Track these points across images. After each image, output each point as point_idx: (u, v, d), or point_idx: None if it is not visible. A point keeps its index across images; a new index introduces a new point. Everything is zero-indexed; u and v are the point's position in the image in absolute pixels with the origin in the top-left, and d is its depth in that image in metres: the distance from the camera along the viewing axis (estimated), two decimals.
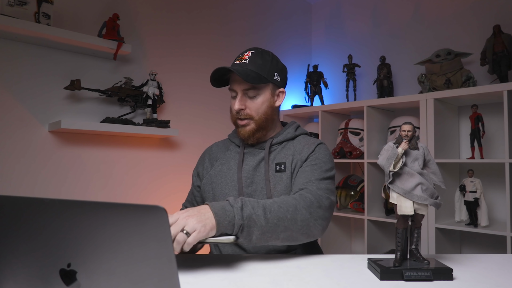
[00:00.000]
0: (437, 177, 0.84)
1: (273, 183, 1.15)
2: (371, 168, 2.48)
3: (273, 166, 1.18)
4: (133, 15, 2.12)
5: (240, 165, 1.19)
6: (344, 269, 0.88)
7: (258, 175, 1.18)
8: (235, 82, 1.18)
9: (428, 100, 2.21)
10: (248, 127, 1.19)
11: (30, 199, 0.50)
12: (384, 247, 2.52)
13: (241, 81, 1.16)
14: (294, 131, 1.26)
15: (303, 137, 1.26)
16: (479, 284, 0.76)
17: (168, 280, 0.44)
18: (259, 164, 1.19)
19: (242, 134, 1.20)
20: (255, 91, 1.17)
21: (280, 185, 1.15)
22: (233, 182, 1.18)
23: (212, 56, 2.51)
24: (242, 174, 1.18)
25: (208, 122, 2.46)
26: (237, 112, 1.18)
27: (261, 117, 1.19)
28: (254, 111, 1.18)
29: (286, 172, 1.16)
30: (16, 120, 1.71)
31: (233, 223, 0.85)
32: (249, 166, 1.19)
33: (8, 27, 1.57)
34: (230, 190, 1.17)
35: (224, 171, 1.21)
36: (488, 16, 2.34)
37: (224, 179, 1.20)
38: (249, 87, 1.16)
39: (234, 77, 1.17)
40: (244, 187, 1.16)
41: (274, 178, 1.16)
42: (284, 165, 1.17)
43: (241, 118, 1.18)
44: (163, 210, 0.43)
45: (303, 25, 3.24)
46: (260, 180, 1.17)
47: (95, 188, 1.94)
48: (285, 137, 1.23)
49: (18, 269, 0.52)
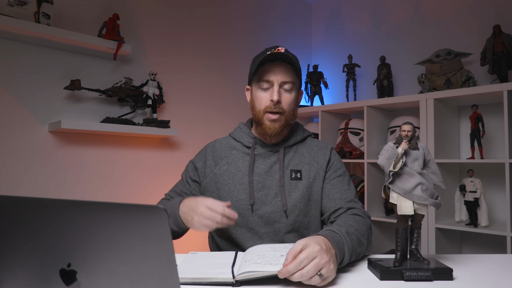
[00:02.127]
0: (437, 177, 0.84)
1: (288, 190, 1.12)
2: (371, 168, 2.48)
3: (288, 172, 1.14)
4: (133, 15, 2.12)
5: (251, 168, 1.14)
6: (344, 269, 0.88)
7: (270, 180, 1.14)
8: (273, 73, 1.12)
9: (428, 100, 2.21)
10: (279, 123, 1.13)
11: (30, 199, 0.50)
12: (384, 247, 2.52)
13: (283, 72, 1.12)
14: (302, 133, 1.24)
15: (311, 139, 1.25)
16: (479, 284, 0.76)
17: (168, 280, 0.44)
18: (271, 168, 1.15)
19: (272, 130, 1.13)
20: (291, 85, 1.14)
21: (295, 193, 1.12)
22: (242, 185, 1.14)
23: (212, 56, 2.51)
24: (253, 177, 1.14)
25: (208, 122, 2.46)
26: (275, 104, 1.11)
27: (290, 113, 1.15)
28: (286, 106, 1.14)
29: (302, 180, 1.14)
30: (16, 120, 1.71)
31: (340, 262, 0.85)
32: (260, 170, 1.15)
33: (8, 27, 1.57)
34: (240, 193, 1.13)
35: (232, 171, 1.16)
36: (488, 16, 2.34)
37: (232, 181, 1.15)
38: (289, 79, 1.13)
39: (273, 68, 1.12)
40: (255, 191, 1.13)
41: (290, 186, 1.13)
42: (300, 173, 1.14)
43: (274, 111, 1.12)
44: (163, 211, 0.43)
45: (303, 25, 3.24)
46: (273, 185, 1.13)
47: (95, 188, 1.94)
48: (295, 140, 1.20)
49: (18, 269, 0.52)
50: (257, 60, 1.15)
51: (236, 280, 0.76)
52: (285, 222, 1.11)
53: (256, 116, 1.16)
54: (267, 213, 1.11)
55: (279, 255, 0.83)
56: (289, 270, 0.71)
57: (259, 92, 1.15)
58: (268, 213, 1.11)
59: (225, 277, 0.77)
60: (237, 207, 1.12)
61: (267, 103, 1.13)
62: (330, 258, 0.76)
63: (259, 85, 1.15)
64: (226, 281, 0.77)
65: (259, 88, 1.15)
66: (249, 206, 1.12)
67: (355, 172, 2.90)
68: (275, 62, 1.13)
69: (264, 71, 1.14)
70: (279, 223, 1.11)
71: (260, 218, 1.12)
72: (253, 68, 1.16)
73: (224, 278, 0.77)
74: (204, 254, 0.98)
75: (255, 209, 1.12)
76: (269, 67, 1.13)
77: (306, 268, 0.72)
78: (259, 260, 0.81)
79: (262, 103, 1.14)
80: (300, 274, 0.71)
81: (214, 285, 0.77)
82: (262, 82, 1.14)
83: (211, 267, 0.84)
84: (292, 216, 1.12)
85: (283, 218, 1.11)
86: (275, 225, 1.12)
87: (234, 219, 0.96)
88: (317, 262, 0.73)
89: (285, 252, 0.84)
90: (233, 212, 0.95)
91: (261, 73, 1.14)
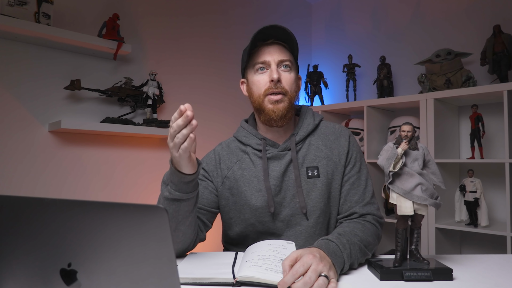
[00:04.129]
0: (437, 177, 0.84)
1: (306, 190, 1.05)
2: (371, 168, 2.48)
3: (304, 170, 1.06)
4: (133, 15, 2.12)
5: (267, 173, 1.06)
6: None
7: (286, 181, 1.06)
8: (268, 53, 1.05)
9: (428, 100, 2.21)
10: (282, 104, 1.04)
11: (30, 199, 0.50)
12: (384, 247, 2.52)
13: (278, 51, 1.06)
14: (313, 119, 1.13)
15: (325, 125, 1.14)
16: (479, 284, 0.76)
17: (168, 280, 0.44)
18: (286, 169, 1.06)
19: (276, 113, 1.04)
20: (290, 64, 1.07)
21: (314, 192, 1.05)
22: (260, 191, 1.06)
23: (212, 56, 2.51)
24: (270, 182, 1.06)
25: (208, 122, 2.46)
26: (275, 84, 1.03)
27: (293, 94, 1.07)
28: (288, 86, 1.05)
29: (320, 178, 1.06)
30: (16, 120, 1.71)
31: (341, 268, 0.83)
32: (276, 173, 1.06)
33: (8, 27, 1.57)
34: (257, 201, 1.05)
35: (246, 177, 1.08)
36: (488, 16, 2.34)
37: (249, 187, 1.07)
38: (286, 58, 1.06)
39: (267, 48, 1.06)
40: (274, 196, 1.05)
41: (307, 185, 1.05)
42: (317, 169, 1.06)
43: (275, 92, 1.04)
44: (163, 210, 0.43)
45: (303, 25, 3.24)
46: (290, 187, 1.06)
47: (95, 188, 1.94)
48: (307, 130, 1.10)
49: (18, 269, 0.52)
50: (247, 47, 1.08)
51: (237, 280, 0.76)
52: (306, 225, 1.05)
53: (257, 102, 1.07)
54: (287, 216, 1.05)
55: (279, 258, 0.83)
56: (286, 282, 0.71)
57: (256, 77, 1.07)
58: (288, 216, 1.05)
59: (225, 277, 0.77)
60: (257, 216, 1.06)
61: (266, 85, 1.05)
62: (326, 264, 0.75)
63: (254, 69, 1.07)
64: (227, 281, 0.77)
65: (255, 73, 1.07)
66: (270, 214, 1.06)
67: None
68: (268, 42, 1.07)
69: (258, 53, 1.06)
70: (301, 225, 1.05)
71: (281, 222, 1.06)
72: (245, 55, 1.09)
73: (224, 278, 0.77)
74: (204, 254, 0.98)
75: (276, 214, 1.06)
76: (262, 48, 1.06)
77: (306, 275, 0.71)
78: (260, 262, 0.81)
79: (260, 87, 1.06)
80: (304, 282, 0.70)
81: (214, 285, 0.77)
82: (257, 65, 1.06)
83: (211, 267, 0.84)
84: (313, 217, 1.05)
85: (303, 220, 1.05)
86: (296, 228, 1.05)
87: (186, 114, 0.79)
88: (314, 268, 0.72)
89: (284, 255, 0.84)
90: (184, 107, 0.80)
91: (255, 56, 1.07)
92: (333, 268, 0.78)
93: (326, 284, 0.72)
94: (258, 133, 1.13)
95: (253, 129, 1.14)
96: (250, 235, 1.09)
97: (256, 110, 1.11)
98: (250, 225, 1.08)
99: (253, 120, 1.19)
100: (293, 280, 0.71)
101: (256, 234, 1.08)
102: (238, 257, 0.93)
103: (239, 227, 1.10)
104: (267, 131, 1.12)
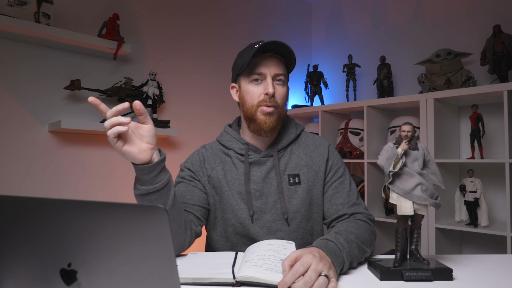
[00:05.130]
0: (437, 177, 0.84)
1: (288, 196, 1.08)
2: (371, 168, 2.48)
3: (286, 177, 1.10)
4: (133, 15, 2.12)
5: (247, 177, 1.09)
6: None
7: (268, 187, 1.09)
8: (265, 65, 1.07)
9: (428, 100, 2.21)
10: (273, 116, 1.07)
11: (30, 199, 0.50)
12: (384, 247, 2.52)
13: (275, 65, 1.08)
14: (295, 129, 1.18)
15: (306, 135, 1.19)
16: (479, 284, 0.76)
17: (168, 280, 0.44)
18: (267, 175, 1.10)
19: (267, 124, 1.07)
20: (283, 78, 1.10)
21: (295, 198, 1.09)
22: (240, 194, 1.09)
23: (212, 56, 2.51)
24: (250, 186, 1.09)
25: (208, 122, 2.46)
26: (270, 98, 1.06)
27: (283, 108, 1.10)
28: (280, 100, 1.08)
29: (301, 185, 1.10)
30: (16, 120, 1.71)
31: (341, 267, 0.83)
32: (257, 177, 1.10)
33: (8, 27, 1.57)
34: (237, 203, 1.09)
35: (228, 178, 1.11)
36: (488, 16, 2.34)
37: (230, 189, 1.10)
38: (282, 72, 1.09)
39: (265, 60, 1.08)
40: (253, 200, 1.08)
41: (289, 192, 1.09)
42: (298, 177, 1.10)
43: (269, 105, 1.06)
44: (163, 210, 0.43)
45: (303, 25, 3.24)
46: (272, 193, 1.09)
47: (95, 188, 1.94)
48: (289, 139, 1.15)
49: (18, 269, 0.52)
50: (244, 53, 1.10)
51: (237, 280, 0.76)
52: (287, 230, 1.08)
53: (249, 111, 1.09)
54: (268, 222, 1.08)
55: (279, 258, 0.83)
56: (286, 282, 0.71)
57: (250, 86, 1.09)
58: (269, 222, 1.08)
59: (225, 277, 0.77)
60: (237, 216, 1.08)
61: (260, 96, 1.07)
62: (325, 263, 0.76)
63: (250, 78, 1.09)
64: (227, 281, 0.77)
65: (250, 82, 1.09)
66: (249, 217, 1.08)
67: (355, 172, 2.90)
68: (266, 54, 1.09)
69: (255, 64, 1.08)
70: (281, 231, 1.08)
71: (261, 228, 1.08)
72: (240, 62, 1.10)
73: (224, 278, 0.77)
74: (204, 254, 0.98)
75: (255, 219, 1.08)
76: (260, 60, 1.08)
77: (306, 274, 0.71)
78: (260, 262, 0.81)
79: (254, 97, 1.08)
80: (304, 282, 0.71)
81: (214, 285, 0.77)
82: (253, 75, 1.08)
83: (211, 267, 0.84)
84: (294, 223, 1.08)
85: (284, 226, 1.08)
86: (277, 234, 1.08)
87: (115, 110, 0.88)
88: (314, 267, 0.73)
89: (284, 255, 0.84)
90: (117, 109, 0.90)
91: (252, 66, 1.08)
92: (333, 267, 0.78)
93: (326, 283, 0.72)
94: (242, 138, 1.15)
95: (237, 134, 1.16)
96: (230, 237, 1.11)
97: (246, 118, 1.13)
98: (231, 226, 1.10)
99: (237, 125, 1.22)
100: (293, 280, 0.71)
101: (236, 237, 1.10)
102: (238, 257, 0.93)
103: (222, 227, 1.12)
104: (252, 137, 1.14)
